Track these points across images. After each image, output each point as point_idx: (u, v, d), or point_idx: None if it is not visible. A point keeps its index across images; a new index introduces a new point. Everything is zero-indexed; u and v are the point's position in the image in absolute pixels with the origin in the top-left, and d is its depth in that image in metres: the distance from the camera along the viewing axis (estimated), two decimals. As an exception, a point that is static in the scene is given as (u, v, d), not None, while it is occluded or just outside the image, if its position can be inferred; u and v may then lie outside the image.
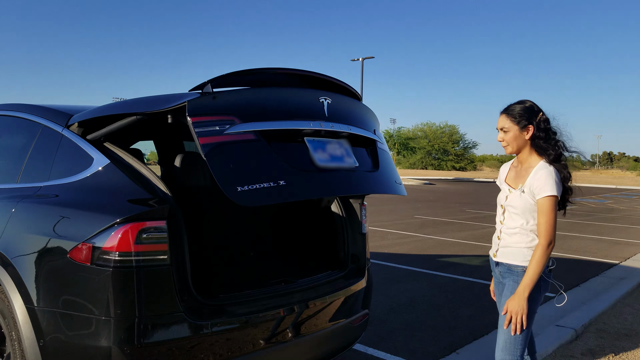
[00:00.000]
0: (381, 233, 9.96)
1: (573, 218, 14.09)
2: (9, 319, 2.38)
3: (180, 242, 2.32)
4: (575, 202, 10.80)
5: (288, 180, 2.25)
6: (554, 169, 2.47)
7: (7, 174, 3.04)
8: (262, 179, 2.17)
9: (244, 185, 2.10)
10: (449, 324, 4.55)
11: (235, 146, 2.20)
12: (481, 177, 46.79)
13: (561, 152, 2.53)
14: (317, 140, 2.54)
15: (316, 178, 2.45)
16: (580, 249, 8.87)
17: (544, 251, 2.42)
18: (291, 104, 2.50)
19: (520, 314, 2.44)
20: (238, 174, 2.14)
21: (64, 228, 2.33)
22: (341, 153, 2.63)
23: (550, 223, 2.42)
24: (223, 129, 2.18)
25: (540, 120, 2.52)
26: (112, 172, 2.47)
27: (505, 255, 2.62)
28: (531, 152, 2.56)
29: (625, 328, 4.57)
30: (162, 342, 2.21)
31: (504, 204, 2.62)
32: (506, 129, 2.56)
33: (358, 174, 2.68)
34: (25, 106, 3.14)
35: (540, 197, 2.44)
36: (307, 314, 2.75)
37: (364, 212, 3.36)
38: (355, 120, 2.77)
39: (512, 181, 2.62)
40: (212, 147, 2.13)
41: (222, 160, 2.14)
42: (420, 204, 17.52)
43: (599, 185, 37.91)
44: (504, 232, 2.63)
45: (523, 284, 2.44)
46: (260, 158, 2.26)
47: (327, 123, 2.54)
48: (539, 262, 2.42)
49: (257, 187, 2.13)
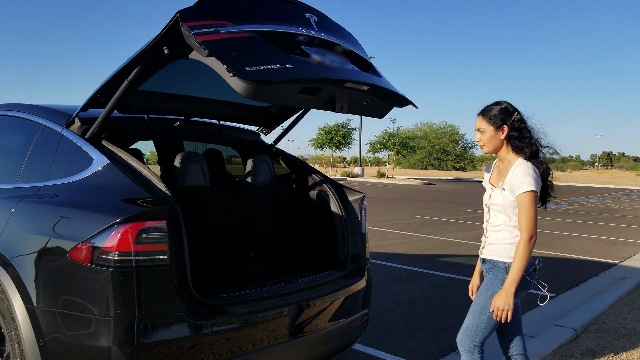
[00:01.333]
0: (381, 233, 9.96)
1: (573, 218, 14.10)
2: (8, 319, 2.38)
3: (180, 242, 2.32)
4: (575, 201, 10.80)
5: (293, 63, 2.26)
6: (531, 165, 2.52)
7: (7, 173, 3.04)
8: (267, 62, 2.17)
9: (252, 66, 2.11)
10: (449, 324, 4.54)
11: (235, 41, 2.22)
12: (481, 177, 46.75)
13: (537, 149, 2.59)
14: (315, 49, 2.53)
15: (321, 65, 2.45)
16: (580, 248, 8.87)
17: (526, 246, 2.47)
18: (280, 12, 2.51)
19: (507, 310, 2.47)
20: (244, 59, 2.14)
21: (63, 228, 2.33)
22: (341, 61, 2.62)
23: (531, 218, 2.46)
24: (218, 30, 2.20)
25: (515, 120, 2.58)
26: (111, 172, 2.47)
27: (490, 251, 2.66)
28: (508, 151, 2.62)
29: (625, 328, 4.57)
30: (162, 342, 2.20)
31: (488, 202, 2.68)
32: (482, 130, 2.63)
33: (361, 72, 2.68)
34: (25, 106, 3.15)
35: (519, 193, 2.49)
36: (307, 313, 2.75)
37: (363, 212, 3.37)
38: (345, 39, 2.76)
39: (495, 180, 2.68)
40: (212, 42, 2.14)
41: (226, 50, 2.14)
42: (420, 203, 17.53)
43: (599, 185, 37.92)
44: (489, 230, 2.68)
45: (509, 280, 2.48)
46: (261, 49, 2.27)
47: (318, 32, 2.54)
48: (522, 257, 2.47)
49: (264, 68, 2.14)
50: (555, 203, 19.02)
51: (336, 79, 2.48)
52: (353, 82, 2.52)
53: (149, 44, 2.30)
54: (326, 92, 2.52)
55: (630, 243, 9.74)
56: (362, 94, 2.69)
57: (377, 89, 2.66)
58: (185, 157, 3.11)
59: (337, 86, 2.52)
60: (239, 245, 3.58)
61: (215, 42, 2.15)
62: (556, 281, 6.20)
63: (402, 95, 2.79)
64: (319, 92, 2.50)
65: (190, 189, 3.09)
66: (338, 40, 2.64)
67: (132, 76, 2.45)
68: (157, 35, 2.25)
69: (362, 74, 2.66)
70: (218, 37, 2.18)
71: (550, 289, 5.97)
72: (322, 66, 2.45)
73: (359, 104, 2.76)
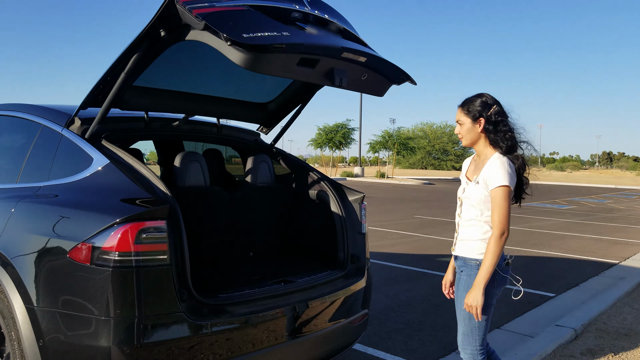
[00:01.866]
0: (381, 233, 9.96)
1: (573, 218, 14.10)
2: (8, 319, 2.38)
3: (180, 242, 2.32)
4: (574, 201, 10.79)
5: (289, 32, 2.26)
6: (507, 160, 2.49)
7: (7, 173, 3.04)
8: (264, 31, 2.18)
9: (249, 34, 2.12)
10: (449, 324, 4.54)
11: (230, 13, 2.24)
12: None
13: (513, 143, 2.55)
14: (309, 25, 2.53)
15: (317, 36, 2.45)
16: (580, 248, 8.87)
17: (497, 242, 2.42)
18: None
19: (476, 306, 2.45)
20: (241, 28, 2.15)
21: (63, 228, 2.33)
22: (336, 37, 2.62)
23: (503, 213, 2.43)
24: (212, 4, 2.22)
25: (492, 113, 2.54)
26: (111, 172, 2.47)
27: (461, 248, 2.63)
28: (486, 145, 2.59)
29: (625, 328, 4.57)
30: (162, 342, 2.20)
31: (462, 196, 2.65)
32: (461, 122, 2.60)
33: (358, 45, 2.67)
34: (25, 106, 3.15)
35: (492, 188, 2.46)
36: (307, 314, 2.75)
37: (363, 212, 3.37)
38: (338, 19, 2.75)
39: (471, 174, 2.65)
40: (207, 14, 2.15)
41: (222, 21, 2.15)
42: (419, 203, 17.53)
43: (599, 185, 37.92)
44: (461, 225, 2.65)
45: (479, 277, 2.45)
46: (257, 20, 2.28)
47: (312, 10, 2.53)
48: (493, 254, 2.42)
49: (261, 35, 2.14)
50: (555, 203, 19.03)
51: (333, 47, 2.46)
52: (350, 52, 2.49)
53: (146, 28, 2.29)
54: (324, 64, 2.50)
55: (630, 243, 9.74)
56: (360, 68, 2.67)
57: (374, 62, 2.64)
58: (185, 157, 3.11)
59: (334, 57, 2.50)
60: (239, 245, 3.58)
61: (211, 14, 2.15)
62: (556, 281, 6.20)
63: (399, 69, 2.76)
64: (317, 64, 2.47)
65: (190, 189, 3.08)
66: (332, 18, 2.64)
67: (130, 64, 2.43)
68: (153, 17, 2.25)
69: (358, 46, 2.64)
70: (214, 10, 2.19)
71: (550, 289, 5.99)
72: (318, 37, 2.45)
73: (357, 79, 2.73)
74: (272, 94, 3.67)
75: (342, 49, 2.46)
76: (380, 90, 2.95)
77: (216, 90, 3.40)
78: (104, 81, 2.56)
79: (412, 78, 2.87)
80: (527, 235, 10.37)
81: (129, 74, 2.48)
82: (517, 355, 3.79)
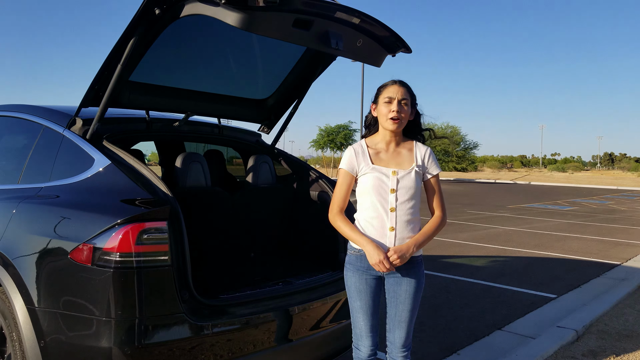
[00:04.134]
0: (382, 234, 9.93)
1: (574, 219, 14.08)
2: (9, 320, 2.39)
3: (181, 243, 2.32)
4: (576, 202, 10.72)
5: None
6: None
7: (8, 174, 3.05)
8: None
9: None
10: (449, 324, 4.54)
11: None
12: (482, 178, 46.76)
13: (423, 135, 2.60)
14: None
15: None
16: (581, 249, 8.86)
17: (444, 223, 2.53)
18: None
19: (377, 262, 2.35)
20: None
21: (64, 229, 2.34)
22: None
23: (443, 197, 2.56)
24: None
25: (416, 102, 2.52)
26: (113, 172, 2.47)
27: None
28: (402, 134, 2.52)
29: (627, 329, 4.56)
30: (163, 343, 2.21)
31: (396, 187, 2.41)
32: (407, 104, 2.44)
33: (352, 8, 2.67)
34: (26, 107, 3.15)
35: (434, 174, 2.52)
36: (308, 315, 2.75)
37: (364, 212, 3.36)
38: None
39: (388, 163, 2.45)
40: None
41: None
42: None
43: (600, 186, 37.88)
44: (398, 220, 2.41)
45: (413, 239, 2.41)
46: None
47: None
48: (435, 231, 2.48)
49: None
50: (557, 204, 19.00)
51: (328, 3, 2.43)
52: (344, 11, 2.48)
53: (141, 8, 2.28)
54: (319, 26, 2.48)
55: (631, 244, 9.72)
56: (355, 33, 2.66)
57: (369, 25, 2.63)
58: (186, 158, 3.11)
59: (328, 17, 2.48)
60: (240, 246, 3.58)
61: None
62: (557, 282, 6.20)
63: (393, 32, 2.73)
64: (312, 26, 2.46)
65: (191, 189, 3.09)
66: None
67: (128, 51, 2.41)
68: None
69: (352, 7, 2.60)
70: None
71: (552, 290, 5.98)
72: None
73: (353, 44, 2.70)
74: (270, 88, 3.65)
75: (336, 7, 2.46)
76: (376, 59, 2.95)
77: (216, 88, 3.40)
78: (103, 74, 2.55)
79: (407, 44, 2.84)
80: (528, 236, 10.36)
81: (127, 62, 2.45)
82: (518, 357, 3.78)
